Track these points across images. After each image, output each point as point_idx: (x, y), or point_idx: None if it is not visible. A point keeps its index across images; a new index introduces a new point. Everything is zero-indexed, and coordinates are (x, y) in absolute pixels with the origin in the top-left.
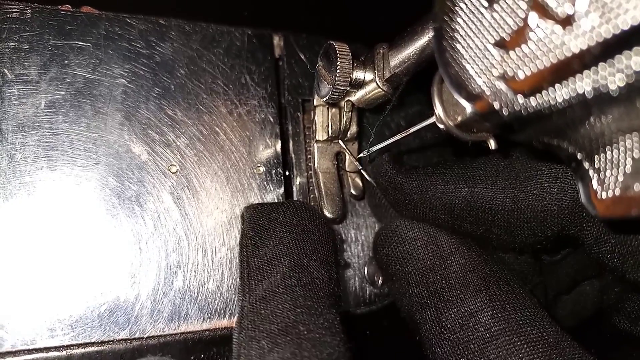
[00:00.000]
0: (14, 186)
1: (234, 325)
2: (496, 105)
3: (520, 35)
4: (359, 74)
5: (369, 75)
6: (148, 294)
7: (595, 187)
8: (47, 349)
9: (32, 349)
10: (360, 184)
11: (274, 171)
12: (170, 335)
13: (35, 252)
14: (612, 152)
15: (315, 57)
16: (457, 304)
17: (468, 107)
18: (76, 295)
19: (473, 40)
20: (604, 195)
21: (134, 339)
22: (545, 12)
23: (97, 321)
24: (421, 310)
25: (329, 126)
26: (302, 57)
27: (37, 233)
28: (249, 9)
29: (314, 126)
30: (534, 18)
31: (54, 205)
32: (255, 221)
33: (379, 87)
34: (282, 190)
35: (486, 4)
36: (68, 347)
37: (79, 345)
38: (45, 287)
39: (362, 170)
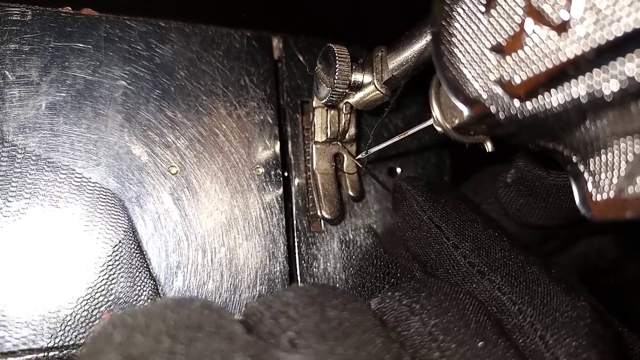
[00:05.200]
0: (15, 188)
1: None
2: (493, 109)
3: (516, 41)
4: (357, 77)
5: (367, 78)
6: (148, 294)
7: (590, 190)
8: (49, 349)
9: (33, 349)
10: (358, 185)
11: (273, 172)
12: None
13: (37, 252)
14: (606, 155)
15: (314, 59)
16: None
17: (465, 111)
18: (77, 296)
19: (470, 45)
20: (598, 198)
21: None
22: (541, 18)
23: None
24: None
25: (327, 128)
26: (301, 59)
27: (38, 234)
28: (248, 11)
29: (312, 128)
30: (530, 24)
31: (54, 207)
32: None
33: (377, 89)
34: (281, 191)
35: (483, 9)
36: (69, 347)
37: (79, 345)
38: (46, 287)
39: (364, 168)
